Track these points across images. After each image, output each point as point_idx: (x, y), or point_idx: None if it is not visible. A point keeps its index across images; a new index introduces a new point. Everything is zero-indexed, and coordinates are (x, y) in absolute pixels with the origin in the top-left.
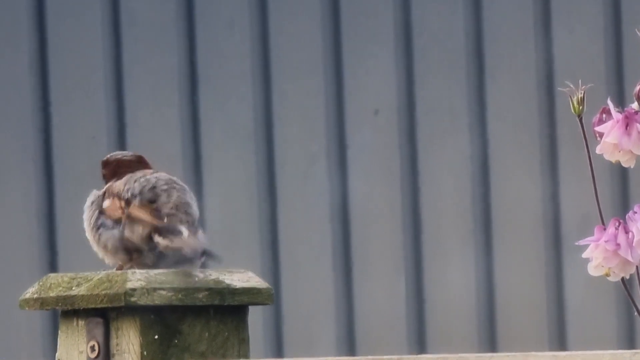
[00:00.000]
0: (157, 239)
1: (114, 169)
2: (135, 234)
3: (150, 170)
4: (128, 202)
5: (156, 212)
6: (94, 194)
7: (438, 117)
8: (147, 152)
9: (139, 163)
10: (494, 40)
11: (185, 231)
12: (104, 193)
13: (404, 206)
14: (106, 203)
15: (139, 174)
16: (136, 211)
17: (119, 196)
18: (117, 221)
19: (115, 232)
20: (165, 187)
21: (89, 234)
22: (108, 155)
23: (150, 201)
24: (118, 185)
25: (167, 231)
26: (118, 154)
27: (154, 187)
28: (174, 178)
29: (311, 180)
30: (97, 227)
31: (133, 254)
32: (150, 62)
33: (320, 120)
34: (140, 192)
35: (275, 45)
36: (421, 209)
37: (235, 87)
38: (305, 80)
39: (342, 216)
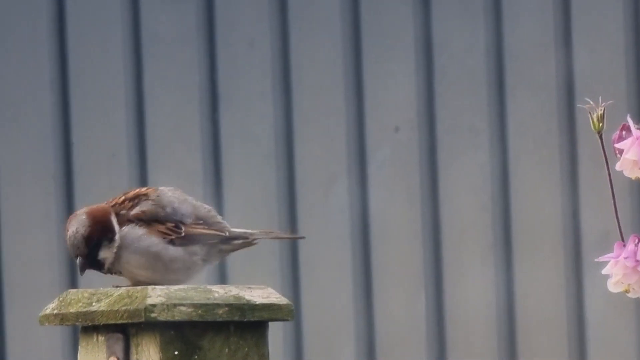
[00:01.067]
0: (224, 247)
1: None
2: (198, 248)
3: (147, 189)
4: (177, 225)
5: (213, 227)
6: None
7: (458, 134)
8: (167, 170)
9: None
10: (514, 57)
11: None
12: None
13: (424, 222)
14: (141, 232)
15: (151, 194)
16: (196, 230)
17: (156, 220)
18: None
19: (181, 249)
20: (190, 198)
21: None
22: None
23: (197, 216)
24: (147, 211)
25: (238, 238)
26: (83, 217)
27: (187, 201)
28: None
29: (331, 197)
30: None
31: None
32: (171, 80)
33: (340, 138)
34: (186, 212)
35: (296, 63)
36: (441, 225)
37: (256, 105)
38: (325, 98)
39: (362, 233)
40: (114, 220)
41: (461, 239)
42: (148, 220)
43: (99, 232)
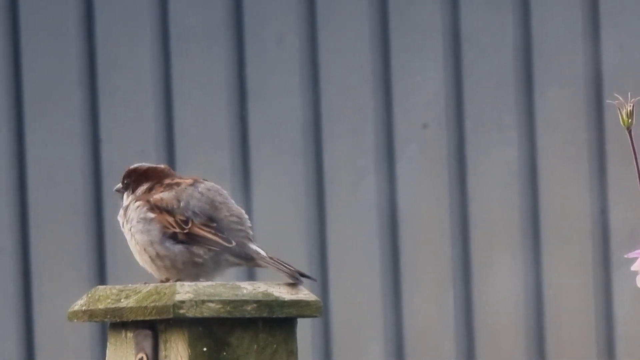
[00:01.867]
0: (230, 259)
1: (144, 174)
2: (202, 251)
3: (190, 179)
4: (186, 221)
5: (221, 234)
6: (135, 209)
7: (486, 130)
8: (196, 166)
9: (170, 172)
10: (542, 53)
11: (261, 252)
12: (149, 204)
13: (452, 219)
14: (151, 215)
15: (184, 184)
16: (201, 231)
17: (168, 211)
18: (172, 236)
19: (182, 246)
20: (221, 199)
21: (149, 249)
22: (135, 165)
23: (211, 218)
24: (166, 199)
25: (239, 255)
26: (146, 164)
27: (212, 201)
28: (217, 186)
29: (360, 194)
30: (163, 242)
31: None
32: (199, 77)
33: (368, 135)
34: (201, 210)
35: (324, 60)
36: (469, 221)
37: (284, 101)
38: (353, 95)
39: (390, 229)
40: (147, 185)
41: (489, 235)
42: (162, 209)
43: (136, 177)
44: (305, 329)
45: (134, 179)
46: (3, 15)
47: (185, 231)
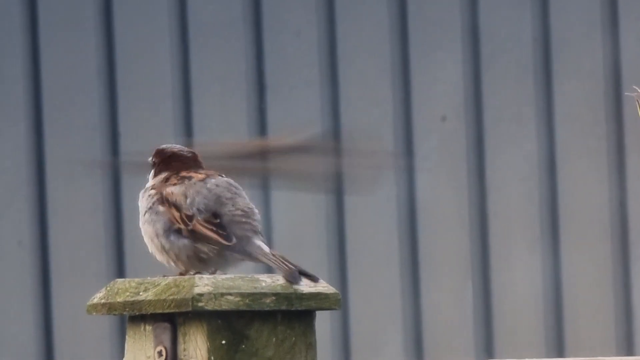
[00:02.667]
0: (231, 256)
1: (167, 161)
2: (207, 248)
3: (203, 173)
4: (190, 217)
5: (222, 231)
6: (148, 198)
7: (505, 123)
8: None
9: (194, 161)
10: (561, 46)
11: (264, 247)
12: (160, 196)
13: (471, 212)
14: (161, 209)
15: (195, 179)
16: (202, 229)
17: (176, 206)
18: (178, 230)
19: (187, 241)
20: (229, 194)
21: (155, 241)
22: (164, 146)
23: (215, 214)
24: (176, 193)
25: (239, 252)
26: (175, 147)
27: (218, 197)
28: (231, 181)
29: (379, 187)
30: (167, 235)
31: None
32: (218, 70)
33: (388, 127)
34: (206, 207)
35: (343, 53)
36: (488, 214)
37: (303, 94)
38: (372, 88)
39: (409, 222)
40: (164, 174)
41: (508, 228)
42: (170, 203)
43: (164, 158)
44: (324, 321)
45: (159, 161)
46: (22, 9)
47: (189, 228)
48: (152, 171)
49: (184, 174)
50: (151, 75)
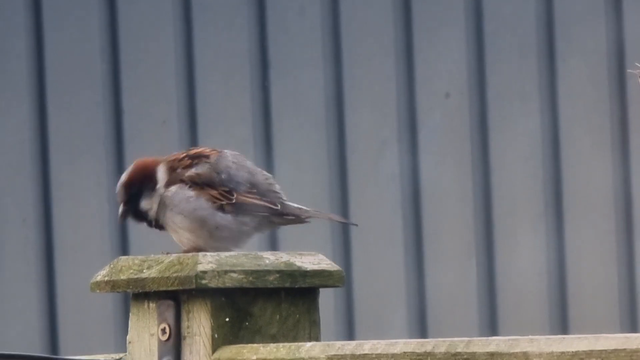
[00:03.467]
0: (277, 220)
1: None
2: (249, 218)
3: (209, 150)
4: (230, 192)
5: (266, 198)
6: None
7: (509, 100)
8: (218, 137)
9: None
10: (564, 23)
11: (303, 207)
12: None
13: (475, 189)
14: (191, 193)
15: (213, 156)
16: (247, 199)
17: (209, 185)
18: (220, 208)
19: (230, 217)
20: (249, 164)
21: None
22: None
23: (252, 184)
24: (203, 173)
25: (287, 215)
26: (129, 171)
27: (246, 167)
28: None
29: (382, 164)
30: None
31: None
32: (221, 48)
33: (391, 105)
34: (242, 178)
35: (346, 30)
36: (492, 192)
37: (306, 72)
38: (376, 65)
39: (413, 200)
40: (162, 172)
41: (512, 205)
42: (202, 184)
43: (140, 181)
44: (328, 299)
45: (139, 184)
46: None
47: (232, 202)
48: (142, 200)
49: (182, 158)
50: (155, 53)
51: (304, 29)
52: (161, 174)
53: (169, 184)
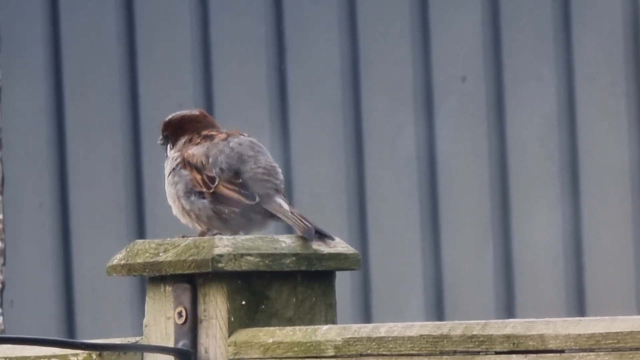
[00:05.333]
0: (253, 214)
1: (180, 126)
2: (227, 210)
3: (225, 132)
4: (212, 179)
5: (245, 191)
6: (172, 160)
7: (525, 82)
8: (234, 120)
9: (205, 118)
10: (580, 5)
11: (285, 205)
12: (182, 159)
13: (491, 171)
14: (183, 172)
15: (217, 138)
16: (225, 190)
17: (197, 169)
18: (201, 192)
19: (207, 202)
20: (251, 152)
21: (177, 202)
22: (169, 116)
23: (237, 172)
24: (197, 155)
25: (259, 212)
26: (180, 112)
27: (240, 155)
28: (253, 139)
29: (399, 147)
30: (188, 196)
31: (226, 221)
32: (237, 31)
33: (407, 88)
34: (228, 166)
35: (362, 13)
36: (509, 173)
37: (323, 55)
38: (392, 48)
39: (429, 182)
40: (185, 138)
41: (528, 186)
42: (192, 165)
43: (172, 130)
44: (344, 282)
45: (171, 131)
46: None
47: (210, 191)
48: (169, 144)
49: (205, 132)
50: (171, 37)
51: (320, 12)
52: (183, 139)
53: (178, 150)
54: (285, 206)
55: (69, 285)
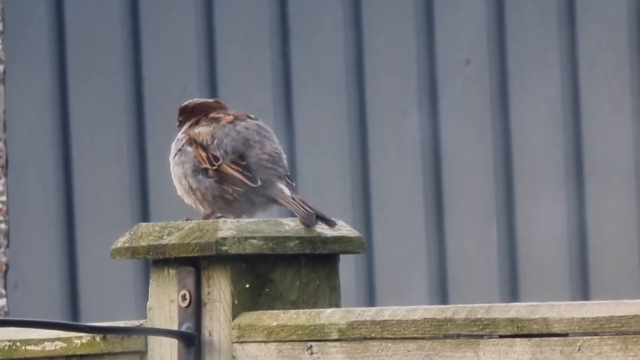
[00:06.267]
0: (255, 198)
1: (192, 110)
2: (231, 189)
3: (232, 115)
4: (216, 158)
5: (248, 173)
6: (177, 141)
7: (529, 67)
8: (238, 104)
9: (218, 103)
10: None
11: (286, 191)
12: (188, 138)
13: (495, 155)
14: (189, 149)
15: (224, 121)
16: (228, 169)
17: (203, 146)
18: (205, 171)
19: (212, 181)
20: (257, 137)
21: (183, 182)
22: (186, 102)
23: (241, 156)
24: (203, 133)
25: (262, 195)
26: (196, 99)
27: (246, 140)
28: (261, 123)
29: (403, 131)
30: (195, 174)
31: (230, 202)
32: (241, 15)
33: (411, 72)
34: (233, 149)
35: None
36: (513, 157)
37: (327, 39)
38: (396, 32)
39: (433, 166)
40: (192, 120)
41: (532, 171)
42: (198, 143)
43: (185, 114)
44: (349, 265)
45: (185, 116)
46: None
47: (214, 168)
48: (182, 127)
49: (212, 115)
50: (175, 20)
51: None
52: (190, 122)
53: (184, 132)
54: (287, 192)
55: (73, 267)
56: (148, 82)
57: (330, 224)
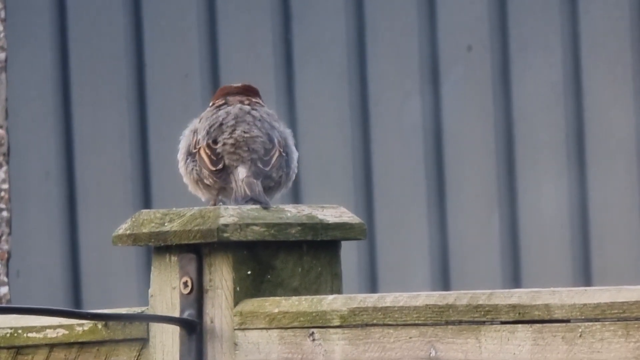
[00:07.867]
0: (226, 185)
1: (215, 97)
2: (205, 172)
3: (233, 101)
4: (197, 142)
5: (213, 157)
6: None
7: (531, 51)
8: None
9: (244, 89)
10: None
11: (242, 174)
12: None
13: (497, 140)
14: (186, 133)
15: (226, 105)
16: (201, 153)
17: (194, 131)
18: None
19: (195, 165)
20: (231, 122)
21: (180, 166)
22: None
23: (215, 141)
24: (202, 118)
25: (220, 177)
26: (226, 85)
27: (221, 125)
28: (250, 108)
29: (405, 116)
30: (184, 159)
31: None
32: (243, 0)
33: (413, 56)
34: (208, 132)
35: None
36: (514, 142)
37: (329, 24)
38: (398, 17)
39: (435, 150)
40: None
41: (534, 155)
42: (193, 129)
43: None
44: (350, 251)
45: (213, 99)
46: None
47: (194, 151)
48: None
49: (221, 101)
50: (177, 5)
51: None
52: (220, 100)
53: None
54: (242, 175)
55: (75, 255)
56: (149, 68)
57: (264, 204)
